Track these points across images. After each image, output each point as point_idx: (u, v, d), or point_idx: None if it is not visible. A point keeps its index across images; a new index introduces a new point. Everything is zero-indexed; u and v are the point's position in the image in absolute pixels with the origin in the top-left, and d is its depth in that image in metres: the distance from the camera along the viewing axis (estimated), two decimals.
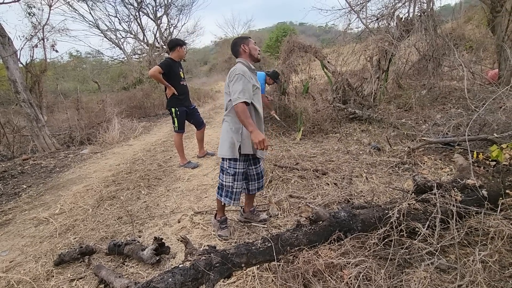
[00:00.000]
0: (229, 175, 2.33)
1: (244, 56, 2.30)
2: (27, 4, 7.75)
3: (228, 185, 2.36)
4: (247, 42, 2.31)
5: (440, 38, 5.61)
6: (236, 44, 2.32)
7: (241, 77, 2.14)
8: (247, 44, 2.30)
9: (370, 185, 3.03)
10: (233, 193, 2.37)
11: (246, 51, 2.29)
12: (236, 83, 2.13)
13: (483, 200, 1.97)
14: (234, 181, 2.34)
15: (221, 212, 2.53)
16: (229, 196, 2.38)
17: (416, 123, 4.71)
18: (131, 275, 2.16)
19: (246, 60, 2.29)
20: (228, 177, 2.34)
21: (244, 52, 2.29)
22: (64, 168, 5.08)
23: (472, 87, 5.11)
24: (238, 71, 2.15)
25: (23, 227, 3.13)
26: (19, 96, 6.03)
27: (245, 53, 2.30)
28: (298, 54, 6.03)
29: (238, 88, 2.11)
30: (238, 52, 2.31)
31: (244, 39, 2.34)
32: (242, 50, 2.29)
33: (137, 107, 10.29)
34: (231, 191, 2.36)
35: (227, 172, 2.34)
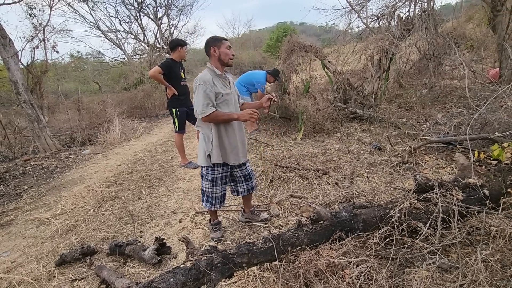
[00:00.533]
0: (207, 181, 2.33)
1: (213, 60, 2.19)
2: (28, 5, 7.78)
3: (207, 191, 2.35)
4: (219, 45, 2.16)
5: (441, 37, 5.60)
6: (207, 45, 2.18)
7: (202, 87, 2.08)
8: (218, 47, 2.15)
9: (371, 184, 3.03)
10: (213, 198, 2.37)
11: (216, 54, 2.16)
12: (198, 95, 2.08)
13: (485, 199, 1.96)
14: (213, 186, 2.33)
15: (213, 216, 2.54)
16: (209, 201, 2.38)
17: (417, 122, 4.70)
18: (133, 275, 2.16)
19: (212, 65, 2.18)
20: (207, 183, 2.34)
21: (214, 55, 2.17)
22: (65, 169, 5.09)
23: (473, 86, 5.09)
24: (199, 81, 2.09)
25: (24, 227, 3.13)
26: (20, 97, 6.05)
27: (214, 56, 2.17)
28: (299, 54, 6.03)
29: (200, 101, 2.07)
30: (208, 53, 2.19)
31: (216, 41, 2.17)
32: (212, 53, 2.17)
33: (138, 107, 10.31)
34: (211, 196, 2.36)
35: (206, 178, 2.33)
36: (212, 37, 2.22)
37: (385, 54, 5.63)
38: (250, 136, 5.28)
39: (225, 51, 2.17)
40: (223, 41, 2.19)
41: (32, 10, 7.88)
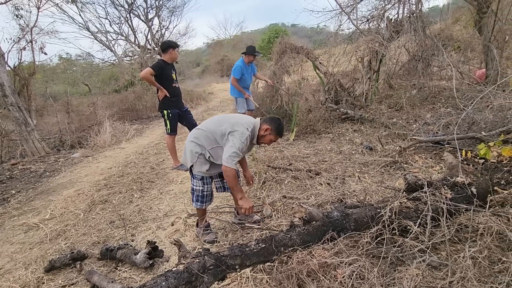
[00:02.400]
0: (197, 179, 2.35)
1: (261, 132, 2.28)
2: (15, 6, 7.61)
3: (198, 189, 2.37)
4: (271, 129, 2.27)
5: (429, 39, 5.72)
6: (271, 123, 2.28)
7: (246, 137, 2.15)
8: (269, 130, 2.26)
9: (363, 184, 3.06)
10: (203, 197, 2.39)
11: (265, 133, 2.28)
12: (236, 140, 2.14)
13: (472, 197, 2.01)
14: (204, 184, 2.36)
15: (202, 220, 2.53)
16: (199, 200, 2.40)
17: (407, 123, 4.78)
18: (124, 280, 2.13)
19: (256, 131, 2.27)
20: (197, 181, 2.36)
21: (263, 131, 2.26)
22: (54, 173, 4.99)
23: (460, 87, 5.20)
24: (248, 130, 2.17)
25: (12, 233, 3.06)
26: (7, 99, 5.91)
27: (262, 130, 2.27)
28: (290, 55, 6.06)
29: (235, 148, 2.12)
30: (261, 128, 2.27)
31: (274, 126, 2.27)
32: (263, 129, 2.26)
33: (129, 109, 10.19)
34: (201, 195, 2.38)
35: (196, 176, 2.36)
36: (280, 123, 2.30)
37: (375, 55, 5.71)
38: None
39: (268, 140, 2.29)
40: (277, 136, 2.31)
41: (19, 11, 7.72)
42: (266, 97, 6.24)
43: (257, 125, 2.26)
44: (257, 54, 5.37)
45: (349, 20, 6.52)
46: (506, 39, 5.85)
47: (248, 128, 2.20)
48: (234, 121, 2.23)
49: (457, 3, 9.48)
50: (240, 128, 2.17)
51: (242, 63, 5.27)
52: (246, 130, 2.18)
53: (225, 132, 2.18)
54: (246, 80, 5.42)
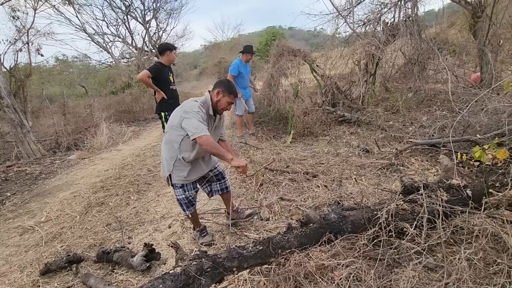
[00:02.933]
0: (177, 187, 2.32)
1: (213, 99, 2.22)
2: (11, 7, 7.57)
3: (182, 198, 2.35)
4: (225, 94, 2.19)
5: (424, 43, 5.78)
6: (220, 84, 2.23)
7: (197, 114, 2.08)
8: (223, 95, 2.20)
9: (360, 186, 3.07)
10: (190, 201, 2.38)
11: (217, 98, 2.21)
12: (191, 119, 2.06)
13: (468, 200, 2.03)
14: (185, 191, 2.34)
15: (196, 223, 2.52)
16: (188, 205, 2.38)
17: (403, 125, 4.82)
18: (121, 283, 2.12)
19: (208, 102, 2.21)
20: (178, 190, 2.33)
21: (215, 97, 2.21)
22: (50, 175, 4.96)
23: (456, 90, 5.26)
24: (196, 108, 2.10)
25: (7, 236, 3.03)
26: (3, 101, 5.87)
27: (215, 97, 2.21)
28: (288, 58, 6.09)
29: (195, 123, 2.05)
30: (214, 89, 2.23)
31: (228, 91, 2.20)
32: (216, 94, 2.20)
33: (126, 111, 10.15)
34: (186, 202, 2.37)
35: (175, 186, 2.32)
36: (229, 83, 2.27)
37: (372, 58, 5.77)
38: (240, 140, 5.28)
39: (225, 103, 2.22)
40: (232, 96, 2.22)
41: (15, 13, 7.68)
42: (263, 100, 6.26)
43: (207, 97, 2.22)
44: (254, 53, 5.41)
45: (346, 24, 6.59)
46: (500, 43, 5.94)
47: (196, 100, 2.18)
48: (184, 107, 2.18)
49: (452, 7, 9.59)
50: (189, 107, 2.13)
51: (240, 62, 5.29)
52: (195, 102, 2.16)
53: (180, 119, 2.11)
54: (244, 79, 5.40)
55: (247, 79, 5.45)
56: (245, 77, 5.38)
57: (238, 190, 3.39)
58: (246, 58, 5.30)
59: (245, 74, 5.36)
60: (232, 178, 3.73)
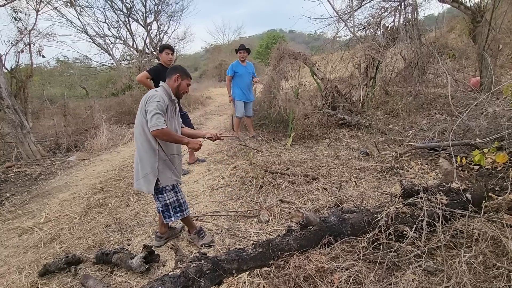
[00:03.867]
0: (168, 191, 2.28)
1: (171, 85, 2.27)
2: (13, 9, 7.61)
3: (173, 201, 2.30)
4: (184, 78, 2.28)
5: (424, 47, 5.81)
6: (175, 70, 2.28)
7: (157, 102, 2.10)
8: (182, 79, 2.27)
9: (359, 189, 3.08)
10: (181, 205, 2.35)
11: (176, 83, 2.26)
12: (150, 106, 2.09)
13: (467, 203, 2.03)
14: (176, 193, 2.32)
15: (191, 226, 2.49)
16: (178, 210, 2.33)
17: (403, 129, 4.83)
18: (120, 284, 2.11)
19: (169, 88, 2.26)
20: (169, 193, 2.28)
21: (175, 82, 2.26)
22: (50, 176, 4.95)
23: (455, 94, 5.28)
24: (157, 97, 2.11)
25: (6, 237, 3.02)
26: (3, 102, 5.87)
27: (175, 83, 2.26)
28: (288, 61, 6.12)
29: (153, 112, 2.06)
30: (170, 76, 2.27)
31: (184, 74, 2.29)
32: (175, 79, 2.25)
33: (126, 113, 10.13)
34: (178, 204, 2.33)
35: (165, 190, 2.27)
36: (182, 67, 2.35)
37: (372, 62, 5.79)
38: (240, 142, 5.28)
39: (185, 85, 2.30)
40: (188, 78, 2.33)
41: (17, 14, 7.71)
42: (264, 102, 6.27)
43: (165, 86, 2.25)
44: (246, 49, 5.41)
45: (346, 27, 6.62)
46: (499, 47, 5.96)
47: (155, 90, 2.20)
48: (144, 97, 2.18)
49: (452, 12, 9.66)
50: (152, 94, 2.15)
51: (236, 62, 5.36)
52: (154, 92, 2.17)
53: (144, 113, 2.13)
54: (243, 79, 5.35)
55: (246, 79, 5.38)
56: (244, 77, 5.34)
57: (238, 192, 3.40)
58: (241, 55, 5.33)
59: (243, 73, 5.32)
60: (232, 180, 3.73)
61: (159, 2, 15.45)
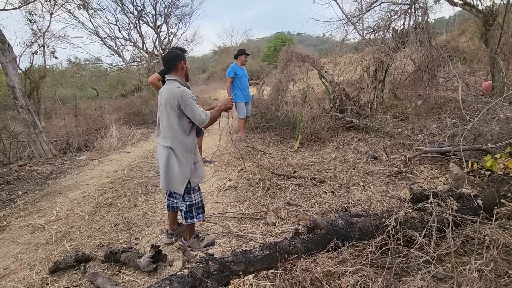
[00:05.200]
0: (195, 191, 2.34)
1: (180, 73, 2.25)
2: (28, 11, 7.82)
3: (197, 201, 2.36)
4: (185, 61, 2.27)
5: (435, 50, 5.74)
6: (176, 58, 2.22)
7: (192, 99, 2.13)
8: (185, 63, 2.26)
9: (367, 193, 3.05)
10: (203, 206, 2.42)
11: (184, 69, 2.26)
12: (192, 106, 2.12)
13: (479, 209, 2.00)
14: (200, 191, 2.40)
15: (192, 231, 2.49)
16: (200, 211, 2.40)
17: (412, 133, 4.77)
18: (128, 283, 2.14)
19: (181, 79, 2.25)
20: (196, 194, 2.35)
21: (182, 69, 2.25)
22: (60, 175, 5.05)
23: (466, 98, 5.20)
24: (188, 94, 2.12)
25: (18, 234, 3.09)
26: (17, 102, 6.03)
27: (182, 70, 2.25)
28: (296, 63, 6.12)
29: (197, 110, 2.13)
30: (174, 67, 2.22)
31: (183, 57, 2.27)
32: (181, 67, 2.23)
33: (135, 114, 10.29)
34: (201, 206, 2.40)
35: (194, 190, 2.32)
36: (179, 49, 2.38)
37: (381, 65, 5.74)
38: (247, 144, 5.30)
39: (188, 67, 2.33)
40: (184, 55, 2.33)
41: (32, 16, 7.92)
42: (272, 105, 6.29)
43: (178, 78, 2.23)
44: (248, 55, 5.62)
45: (355, 30, 6.59)
46: None
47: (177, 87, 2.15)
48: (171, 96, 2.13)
49: (463, 15, 9.53)
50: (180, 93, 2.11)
51: (235, 64, 5.51)
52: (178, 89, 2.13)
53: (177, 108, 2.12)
54: (242, 80, 5.51)
55: (245, 81, 5.59)
56: (243, 79, 5.52)
57: (245, 194, 3.40)
58: (241, 60, 5.51)
59: (243, 76, 5.51)
60: (239, 182, 3.75)
61: (169, 5, 15.67)
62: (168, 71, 2.24)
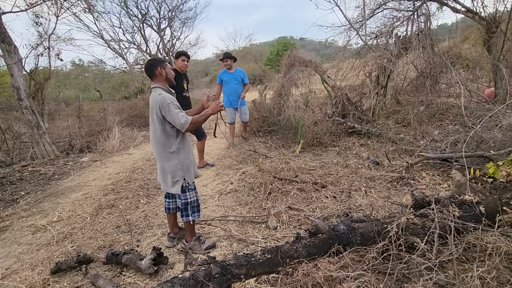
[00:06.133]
0: (191, 190, 2.41)
1: (160, 79, 2.31)
2: (35, 14, 7.91)
3: (193, 200, 2.42)
4: (164, 66, 2.32)
5: (437, 56, 5.76)
6: (152, 66, 2.30)
7: (171, 104, 2.19)
8: (163, 68, 2.31)
9: (369, 199, 3.05)
10: (198, 205, 2.48)
11: (163, 74, 2.30)
12: (171, 111, 2.18)
13: (481, 216, 1.99)
14: (196, 193, 2.46)
15: (192, 233, 2.51)
16: (196, 210, 2.45)
17: (414, 139, 4.77)
18: (129, 285, 2.14)
19: (163, 85, 2.32)
20: (192, 192, 2.41)
21: (161, 75, 2.30)
22: (63, 176, 5.07)
23: (469, 105, 5.20)
24: (167, 100, 2.18)
25: (20, 234, 3.11)
26: (22, 103, 6.08)
27: (161, 76, 2.31)
28: (299, 68, 6.16)
29: (176, 114, 2.18)
30: (153, 74, 2.30)
31: (161, 62, 2.33)
32: (159, 73, 2.29)
33: (138, 116, 10.34)
34: (196, 204, 2.45)
35: (189, 189, 2.39)
36: (154, 59, 2.45)
37: (383, 71, 5.77)
38: (249, 147, 5.32)
39: (169, 71, 2.35)
40: (166, 63, 2.37)
41: (38, 19, 8.02)
42: (274, 109, 6.31)
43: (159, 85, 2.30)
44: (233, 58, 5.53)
45: (358, 36, 6.63)
46: None
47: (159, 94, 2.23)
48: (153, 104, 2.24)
49: (466, 21, 9.57)
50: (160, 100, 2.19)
51: (223, 70, 5.55)
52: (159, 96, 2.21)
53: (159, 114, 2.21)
54: (228, 85, 5.48)
55: (231, 86, 5.47)
56: (229, 83, 5.46)
57: (246, 198, 3.41)
58: (225, 65, 5.46)
59: (229, 80, 5.45)
60: (240, 185, 3.75)
61: (173, 9, 15.83)
62: (151, 79, 2.35)
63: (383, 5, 6.69)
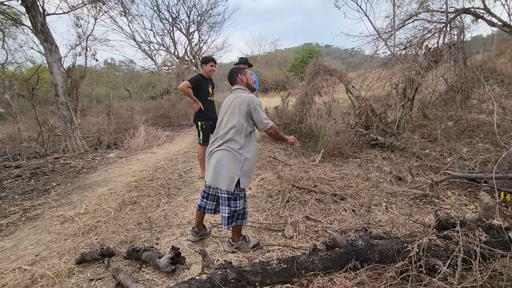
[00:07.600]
0: (241, 199, 2.41)
1: (242, 84, 2.53)
2: (76, 16, 8.45)
3: (240, 208, 2.42)
4: (244, 72, 2.55)
5: (469, 71, 5.54)
6: (234, 74, 2.55)
7: (259, 105, 2.39)
8: (244, 74, 2.53)
9: (390, 215, 2.98)
10: (245, 213, 2.49)
11: (244, 80, 2.53)
12: (259, 111, 2.37)
13: (509, 243, 1.90)
14: (245, 201, 2.48)
15: (240, 233, 2.55)
16: (241, 217, 2.46)
17: (441, 155, 4.60)
18: (147, 282, 2.22)
19: (246, 88, 2.54)
20: (241, 201, 2.41)
21: (242, 81, 2.53)
22: (91, 170, 5.34)
23: (502, 123, 4.95)
24: (255, 101, 2.37)
25: (50, 223, 3.30)
26: (59, 98, 6.49)
27: (243, 82, 2.53)
28: (323, 77, 6.14)
29: (262, 115, 2.37)
30: (235, 81, 2.54)
31: (241, 69, 2.57)
32: (240, 79, 2.52)
33: (163, 116, 10.71)
34: (243, 212, 2.46)
35: (239, 197, 2.40)
36: (235, 67, 2.64)
37: (411, 83, 5.62)
38: (269, 153, 5.34)
39: (250, 76, 2.57)
40: (246, 70, 2.59)
41: (79, 21, 8.56)
42: (296, 116, 6.31)
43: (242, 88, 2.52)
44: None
45: (386, 46, 6.52)
46: None
47: (249, 92, 2.50)
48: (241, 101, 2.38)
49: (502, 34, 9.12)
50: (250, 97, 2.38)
51: None
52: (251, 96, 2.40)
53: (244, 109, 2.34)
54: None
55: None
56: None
57: (264, 204, 3.43)
58: None
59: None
60: (259, 192, 3.78)
61: (202, 13, 16.28)
62: (233, 85, 2.57)
63: (414, 16, 6.54)
